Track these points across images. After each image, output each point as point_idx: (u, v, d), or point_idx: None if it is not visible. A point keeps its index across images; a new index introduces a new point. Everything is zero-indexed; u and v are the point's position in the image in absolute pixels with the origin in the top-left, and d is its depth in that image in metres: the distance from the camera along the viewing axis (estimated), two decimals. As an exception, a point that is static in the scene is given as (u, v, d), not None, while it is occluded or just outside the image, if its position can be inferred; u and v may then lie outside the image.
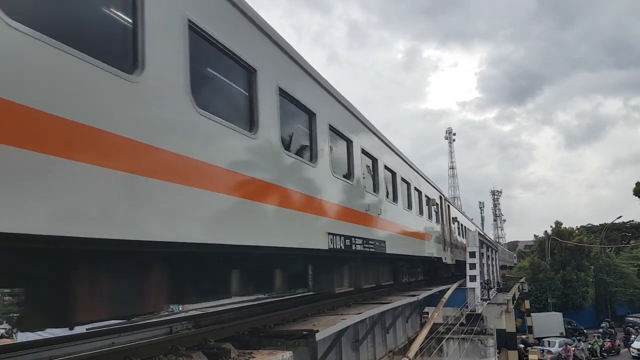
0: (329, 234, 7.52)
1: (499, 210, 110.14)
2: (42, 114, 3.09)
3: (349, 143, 8.94)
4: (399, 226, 11.94)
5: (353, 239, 8.53)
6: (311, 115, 7.34)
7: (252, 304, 10.50)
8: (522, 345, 34.32)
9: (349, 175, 8.81)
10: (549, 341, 37.73)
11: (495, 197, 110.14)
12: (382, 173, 10.93)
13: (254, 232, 5.52)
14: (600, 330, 44.88)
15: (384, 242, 10.41)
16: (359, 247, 8.78)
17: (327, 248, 7.38)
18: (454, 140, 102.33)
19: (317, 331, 6.35)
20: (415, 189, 14.28)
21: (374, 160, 10.52)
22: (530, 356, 31.64)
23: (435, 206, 16.90)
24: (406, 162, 13.64)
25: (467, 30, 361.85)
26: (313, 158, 7.25)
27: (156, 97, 4.14)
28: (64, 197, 3.21)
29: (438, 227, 17.34)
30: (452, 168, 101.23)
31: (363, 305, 10.19)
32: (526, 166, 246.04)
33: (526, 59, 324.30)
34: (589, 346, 37.87)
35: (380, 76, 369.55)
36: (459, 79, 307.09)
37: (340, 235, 7.92)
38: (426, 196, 15.69)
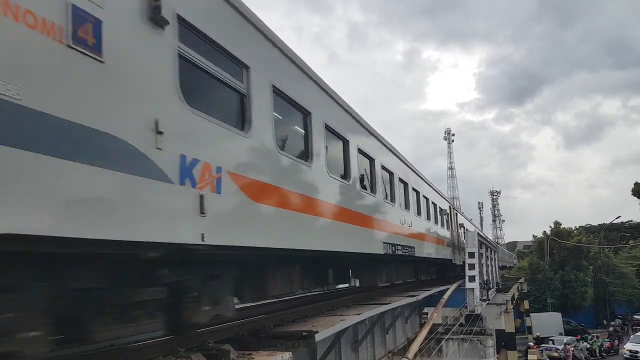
0: (383, 242, 10.33)
1: (498, 210, 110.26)
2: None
3: (391, 175, 11.75)
4: (422, 234, 14.49)
5: (396, 245, 11.28)
6: (371, 160, 10.22)
7: (251, 305, 10.46)
8: (531, 344, 34.57)
9: (392, 198, 11.59)
10: (553, 340, 37.71)
11: (494, 197, 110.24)
12: (412, 194, 13.64)
13: (358, 243, 8.92)
14: (610, 328, 44.52)
15: (414, 247, 13.02)
16: (399, 252, 11.55)
17: (382, 253, 10.15)
18: (452, 141, 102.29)
19: (317, 332, 6.34)
20: (432, 202, 16.71)
21: (405, 185, 13.15)
22: (529, 356, 31.63)
23: (446, 215, 19.24)
24: (426, 182, 16.34)
25: (467, 30, 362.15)
26: (373, 190, 10.10)
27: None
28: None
29: (449, 233, 19.32)
30: (451, 169, 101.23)
31: (362, 306, 10.18)
32: (525, 166, 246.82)
33: (526, 59, 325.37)
34: (588, 346, 37.88)
35: (380, 76, 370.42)
36: (458, 79, 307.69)
37: (389, 244, 10.72)
38: (440, 208, 18.13)
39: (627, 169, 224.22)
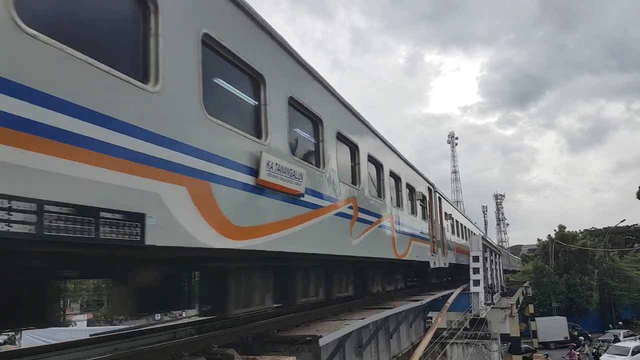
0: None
1: (502, 214, 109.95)
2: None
3: (461, 225, 23.75)
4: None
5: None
6: (449, 216, 19.80)
7: (255, 309, 10.44)
8: (582, 337, 34.78)
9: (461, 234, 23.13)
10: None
11: (498, 200, 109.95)
12: (461, 228, 23.66)
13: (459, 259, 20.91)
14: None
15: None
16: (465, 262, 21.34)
17: (468, 264, 17.61)
18: (456, 145, 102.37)
19: (321, 336, 6.32)
20: (472, 232, 28.00)
21: (463, 226, 24.25)
22: (535, 361, 31.50)
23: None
24: (469, 220, 29.46)
25: (469, 35, 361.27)
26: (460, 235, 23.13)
27: None
28: None
29: None
30: (454, 172, 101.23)
31: (366, 310, 10.14)
32: (529, 170, 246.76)
33: (528, 63, 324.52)
34: (594, 350, 37.66)
35: (383, 81, 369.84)
36: (461, 83, 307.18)
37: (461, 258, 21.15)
38: (472, 231, 28.41)
39: (631, 172, 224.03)
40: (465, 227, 25.19)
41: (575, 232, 61.24)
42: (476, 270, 16.81)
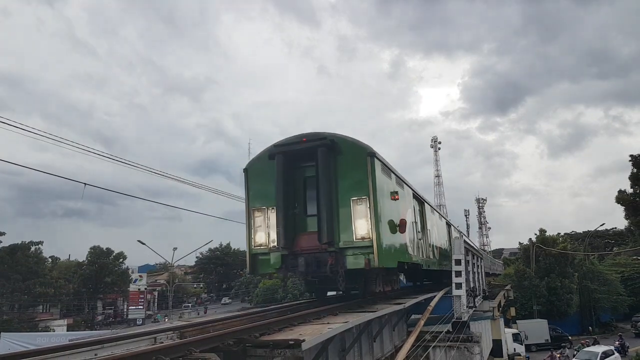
0: None
1: (484, 218, 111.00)
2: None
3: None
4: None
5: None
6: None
7: (238, 313, 10.41)
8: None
9: None
10: None
11: (480, 204, 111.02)
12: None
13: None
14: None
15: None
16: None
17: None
18: (439, 149, 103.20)
19: (303, 340, 6.30)
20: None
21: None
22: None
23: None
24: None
25: (452, 42, 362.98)
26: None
27: None
28: None
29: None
30: (437, 176, 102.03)
31: (349, 314, 10.17)
32: (510, 175, 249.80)
33: (509, 70, 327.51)
34: (575, 353, 38.18)
35: (367, 87, 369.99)
36: (443, 89, 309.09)
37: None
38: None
39: (610, 177, 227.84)
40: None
41: (556, 235, 62.16)
42: (458, 273, 16.94)
